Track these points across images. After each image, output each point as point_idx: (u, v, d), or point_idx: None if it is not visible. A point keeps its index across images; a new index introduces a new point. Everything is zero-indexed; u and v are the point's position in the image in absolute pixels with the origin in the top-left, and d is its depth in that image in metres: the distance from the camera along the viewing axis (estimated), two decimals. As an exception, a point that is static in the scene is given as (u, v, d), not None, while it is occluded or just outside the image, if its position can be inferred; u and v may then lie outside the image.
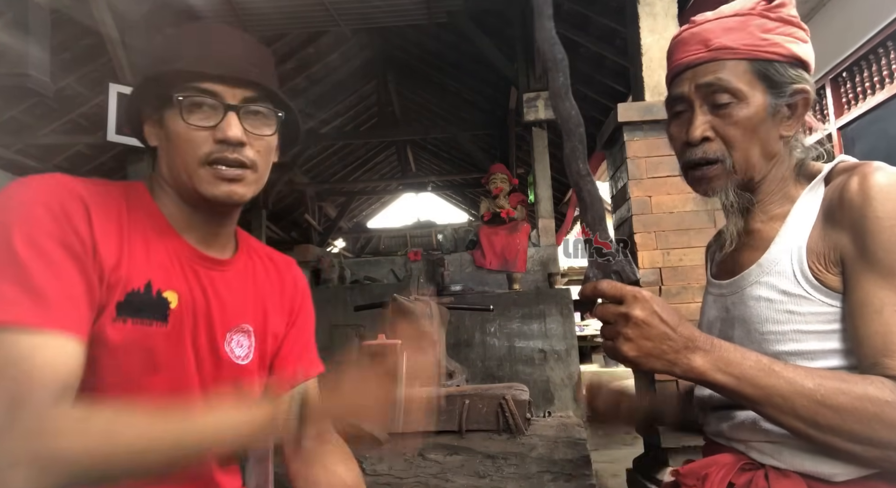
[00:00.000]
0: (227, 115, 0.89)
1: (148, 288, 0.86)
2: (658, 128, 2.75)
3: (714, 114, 0.94)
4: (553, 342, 4.82)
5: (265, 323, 1.04)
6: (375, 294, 5.05)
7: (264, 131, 0.94)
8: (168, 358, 0.88)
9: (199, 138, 0.89)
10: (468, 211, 14.77)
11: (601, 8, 5.28)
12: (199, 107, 0.89)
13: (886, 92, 4.06)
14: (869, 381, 0.76)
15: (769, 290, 0.90)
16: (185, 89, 0.88)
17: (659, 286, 2.69)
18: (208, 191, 0.90)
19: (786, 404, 0.78)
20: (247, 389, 1.01)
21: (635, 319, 0.80)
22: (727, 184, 0.95)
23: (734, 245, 1.00)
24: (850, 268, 0.83)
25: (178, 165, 0.90)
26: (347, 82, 8.28)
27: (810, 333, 0.86)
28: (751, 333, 0.92)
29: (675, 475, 0.98)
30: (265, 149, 0.95)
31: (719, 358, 0.80)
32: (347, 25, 5.66)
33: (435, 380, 0.90)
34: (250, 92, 0.92)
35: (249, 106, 0.91)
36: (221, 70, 0.89)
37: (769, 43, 0.92)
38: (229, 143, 0.89)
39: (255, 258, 1.08)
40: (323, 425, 1.04)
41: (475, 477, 1.58)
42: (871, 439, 0.75)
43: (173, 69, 0.89)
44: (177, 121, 0.89)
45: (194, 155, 0.89)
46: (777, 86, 0.92)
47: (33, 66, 3.66)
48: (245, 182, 0.92)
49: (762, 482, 0.87)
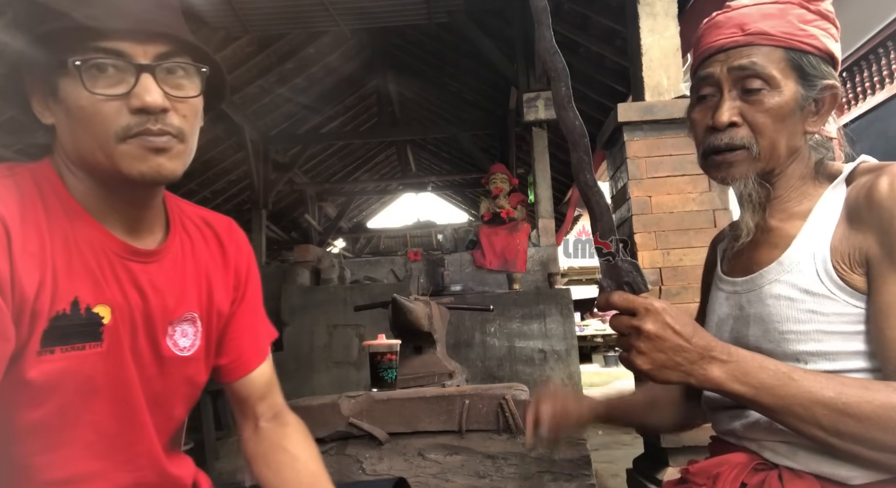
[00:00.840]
0: (141, 77, 0.73)
1: (75, 306, 0.75)
2: (658, 128, 2.75)
3: (744, 99, 0.91)
4: (553, 342, 4.82)
5: (210, 302, 0.94)
6: (375, 294, 5.05)
7: (188, 92, 0.78)
8: (108, 378, 0.79)
9: (109, 110, 0.73)
10: (468, 211, 14.77)
11: (601, 8, 5.28)
12: (104, 70, 0.72)
13: (886, 92, 4.06)
14: (893, 388, 0.74)
15: (790, 289, 0.88)
16: (82, 50, 0.72)
17: (659, 286, 2.69)
18: (133, 169, 0.74)
19: (806, 413, 0.76)
20: (194, 375, 0.93)
21: (647, 333, 0.79)
22: (748, 172, 0.92)
23: (750, 237, 0.96)
24: (876, 269, 0.81)
25: (89, 144, 0.74)
26: (347, 82, 8.29)
27: (834, 334, 0.84)
28: (769, 332, 0.90)
29: (684, 473, 0.96)
30: (192, 114, 0.79)
31: (736, 367, 0.79)
32: (347, 25, 5.66)
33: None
34: (164, 46, 0.76)
35: (166, 63, 0.76)
36: (125, 22, 0.73)
37: (806, 34, 0.90)
38: (149, 112, 0.73)
39: (192, 230, 0.95)
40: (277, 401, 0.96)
41: (475, 477, 1.58)
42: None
43: (62, 26, 0.72)
44: (78, 91, 0.72)
45: (108, 130, 0.73)
46: (809, 78, 0.90)
47: (33, 66, 3.66)
48: (173, 153, 0.77)
49: (776, 483, 0.85)
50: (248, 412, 1.01)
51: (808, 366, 0.85)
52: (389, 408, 1.73)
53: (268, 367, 1.03)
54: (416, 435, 1.71)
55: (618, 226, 3.03)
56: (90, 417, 0.79)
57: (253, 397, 1.01)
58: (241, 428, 1.03)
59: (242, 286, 1.00)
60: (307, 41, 6.98)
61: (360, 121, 10.20)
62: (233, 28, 5.46)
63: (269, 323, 1.06)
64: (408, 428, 1.72)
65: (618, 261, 0.84)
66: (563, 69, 0.87)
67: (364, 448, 1.68)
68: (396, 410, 1.73)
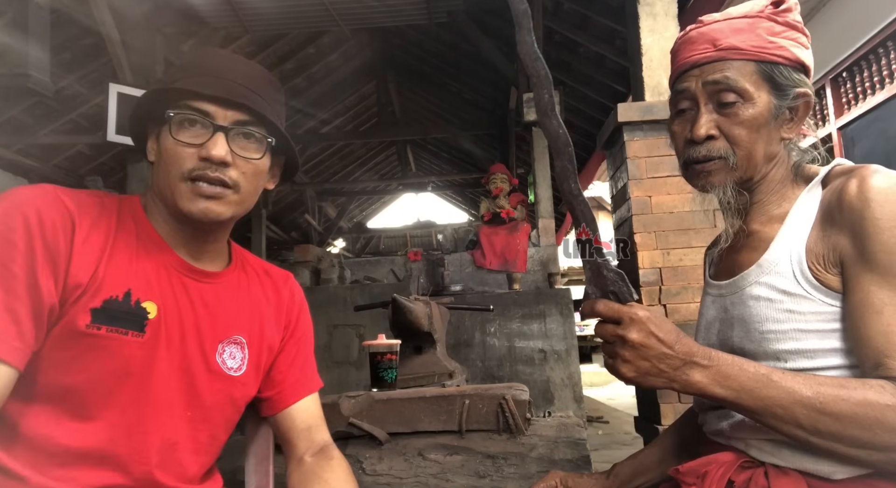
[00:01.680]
0: (215, 134, 0.90)
1: (127, 296, 0.88)
2: (658, 128, 2.75)
3: (719, 112, 0.95)
4: (553, 342, 4.82)
5: (261, 334, 1.05)
6: (375, 294, 5.05)
7: (252, 154, 0.94)
8: (142, 368, 0.89)
9: (184, 154, 0.90)
10: (468, 211, 14.77)
11: (601, 8, 5.28)
12: (191, 124, 0.90)
13: (886, 92, 4.06)
14: (868, 386, 0.77)
15: (769, 290, 0.91)
16: (179, 107, 0.90)
17: (659, 286, 2.69)
18: (185, 206, 0.91)
19: (786, 414, 0.79)
20: (239, 399, 1.02)
21: (631, 342, 0.81)
22: (726, 181, 0.96)
23: (729, 242, 1.01)
24: (850, 269, 0.84)
25: (164, 180, 0.92)
26: (347, 82, 8.29)
27: (810, 332, 0.87)
28: (750, 332, 0.92)
29: (674, 473, 0.98)
30: (251, 172, 0.95)
31: (717, 372, 0.81)
32: (347, 25, 5.66)
33: None
34: (243, 115, 0.93)
35: (239, 128, 0.92)
36: (214, 90, 0.90)
37: (776, 46, 0.93)
38: (212, 161, 0.90)
39: (251, 272, 1.10)
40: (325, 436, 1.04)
41: (475, 477, 1.58)
42: (874, 443, 0.76)
43: (171, 87, 0.91)
44: (167, 137, 0.91)
45: (178, 170, 0.90)
46: (781, 88, 0.93)
47: (33, 66, 3.66)
48: (224, 200, 0.92)
49: (762, 480, 0.87)
50: (291, 445, 1.09)
51: (787, 365, 0.88)
52: (389, 408, 1.73)
53: (312, 403, 1.11)
54: (416, 435, 1.71)
55: (618, 226, 3.03)
56: (118, 400, 0.88)
57: (296, 429, 1.08)
58: (287, 461, 1.10)
59: (292, 326, 1.12)
60: (307, 41, 6.99)
61: (360, 121, 10.20)
62: (233, 28, 5.46)
63: (318, 374, 1.15)
64: (408, 428, 1.72)
65: (603, 269, 0.85)
66: (546, 76, 0.87)
67: (364, 448, 1.68)
68: (396, 410, 1.73)
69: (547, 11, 5.50)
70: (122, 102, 4.31)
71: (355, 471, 1.67)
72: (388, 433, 1.70)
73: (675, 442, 1.14)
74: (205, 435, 0.98)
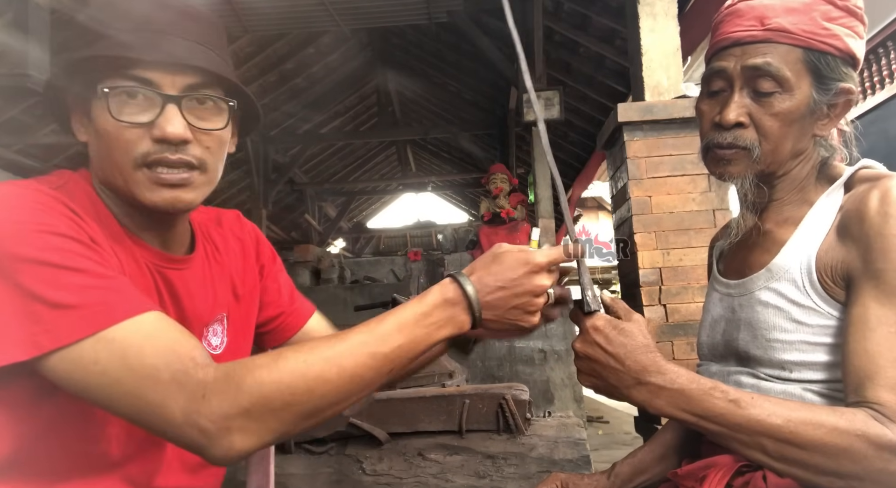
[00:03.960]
0: (166, 107, 0.74)
1: None
2: (658, 128, 2.75)
3: (754, 99, 0.88)
4: (553, 342, 4.82)
5: (239, 295, 0.97)
6: (375, 294, 5.05)
7: (214, 124, 0.79)
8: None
9: (132, 137, 0.74)
10: (468, 211, 14.77)
11: (601, 8, 5.27)
12: (134, 97, 0.74)
13: (886, 92, 4.06)
14: (839, 414, 0.74)
15: (778, 297, 0.87)
16: (114, 77, 0.74)
17: (659, 286, 2.69)
18: (147, 198, 0.76)
19: (751, 440, 0.75)
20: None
21: (578, 352, 0.81)
22: (746, 172, 0.89)
23: (739, 236, 0.96)
24: (855, 282, 0.80)
25: (111, 167, 0.76)
26: (347, 82, 8.30)
27: (818, 345, 0.83)
28: (757, 338, 0.89)
29: (673, 476, 0.97)
30: (216, 145, 0.80)
31: (678, 395, 0.77)
32: (347, 25, 5.66)
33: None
34: (194, 77, 0.77)
35: (193, 95, 0.77)
36: (156, 53, 0.74)
37: (829, 33, 0.85)
38: (170, 142, 0.75)
39: (212, 232, 0.98)
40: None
41: (475, 477, 1.58)
42: (837, 472, 0.73)
43: (96, 54, 0.74)
44: (105, 116, 0.74)
45: (128, 156, 0.75)
46: (824, 81, 0.86)
47: (33, 66, 3.66)
48: (192, 186, 0.78)
49: (760, 483, 0.85)
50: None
51: (792, 375, 0.85)
52: (389, 408, 1.73)
53: (322, 320, 1.06)
54: (416, 435, 1.71)
55: (618, 226, 3.03)
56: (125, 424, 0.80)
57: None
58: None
59: (262, 260, 1.03)
60: (307, 41, 6.99)
61: (360, 121, 10.20)
62: (233, 28, 5.46)
63: (306, 299, 1.09)
64: (408, 428, 1.72)
65: (581, 275, 0.83)
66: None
67: (364, 448, 1.68)
68: (396, 410, 1.73)
69: (547, 11, 5.49)
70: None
71: (355, 471, 1.67)
72: (388, 433, 1.70)
73: (676, 437, 1.12)
74: None
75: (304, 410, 0.66)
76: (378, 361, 0.69)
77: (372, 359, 0.69)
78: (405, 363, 0.72)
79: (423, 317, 0.72)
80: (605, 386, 0.81)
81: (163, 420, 0.64)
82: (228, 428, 0.63)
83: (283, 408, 0.65)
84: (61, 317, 0.64)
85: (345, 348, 0.69)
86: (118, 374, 0.64)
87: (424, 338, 0.72)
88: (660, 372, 0.78)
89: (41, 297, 0.64)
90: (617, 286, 7.68)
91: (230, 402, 0.63)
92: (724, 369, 0.97)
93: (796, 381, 0.85)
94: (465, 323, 0.74)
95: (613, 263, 14.46)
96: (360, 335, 0.70)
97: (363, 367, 0.68)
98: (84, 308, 0.65)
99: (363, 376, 0.68)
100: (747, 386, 0.89)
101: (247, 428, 0.64)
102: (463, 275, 0.75)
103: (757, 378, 0.90)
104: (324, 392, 0.66)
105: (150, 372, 0.64)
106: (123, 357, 0.64)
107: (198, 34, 0.79)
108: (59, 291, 0.64)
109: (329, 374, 0.67)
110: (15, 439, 0.74)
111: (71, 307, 0.64)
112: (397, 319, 0.71)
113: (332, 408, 0.68)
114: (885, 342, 0.75)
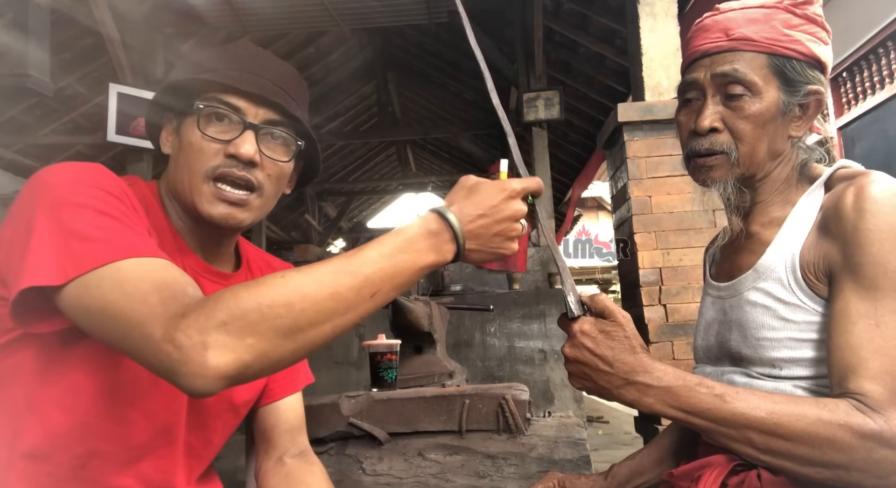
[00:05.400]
0: (245, 132, 0.86)
1: None
2: (658, 128, 2.75)
3: (726, 105, 0.92)
4: (553, 342, 4.82)
5: None
6: (375, 294, 5.04)
7: (280, 156, 0.91)
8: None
9: (210, 150, 0.86)
10: (468, 211, 14.74)
11: (601, 8, 5.28)
12: (219, 119, 0.86)
13: (886, 92, 4.06)
14: (822, 405, 0.76)
15: (765, 297, 0.90)
16: (209, 99, 0.86)
17: (659, 286, 2.69)
18: (206, 209, 0.87)
19: (738, 434, 0.78)
20: (240, 405, 1.00)
21: (567, 356, 0.83)
22: (727, 176, 0.93)
23: (727, 240, 1.00)
24: (836, 277, 0.83)
25: (183, 176, 0.87)
26: (347, 82, 8.29)
27: (805, 342, 0.86)
28: (747, 338, 0.92)
29: (668, 477, 0.97)
30: (276, 175, 0.91)
31: (666, 392, 0.80)
32: (347, 25, 5.66)
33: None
34: (274, 115, 0.89)
35: (270, 128, 0.89)
36: (249, 86, 0.86)
37: (790, 39, 0.91)
38: (239, 160, 0.86)
39: (255, 269, 1.06)
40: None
41: (475, 477, 1.58)
42: (823, 462, 0.75)
43: (202, 78, 0.87)
44: (193, 130, 0.86)
45: (201, 167, 0.86)
46: (792, 84, 0.91)
47: (33, 66, 3.66)
48: (247, 207, 0.89)
49: (755, 482, 0.86)
50: (271, 443, 1.05)
51: (782, 372, 0.87)
52: (389, 408, 1.73)
53: (298, 403, 1.09)
54: (416, 435, 1.71)
55: (618, 226, 3.03)
56: (147, 405, 0.85)
57: (279, 428, 1.05)
58: (260, 459, 1.05)
59: None
60: (307, 41, 6.99)
61: (360, 121, 10.20)
62: (233, 28, 5.45)
63: (309, 370, 1.13)
64: (408, 428, 1.72)
65: (562, 280, 0.84)
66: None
67: (364, 448, 1.68)
68: (396, 410, 1.73)
69: (547, 11, 5.49)
70: (122, 102, 4.31)
71: (355, 471, 1.67)
72: (388, 433, 1.70)
73: (673, 441, 1.13)
74: (200, 440, 0.95)
75: (282, 325, 0.65)
76: (358, 281, 0.69)
77: (352, 278, 0.69)
78: (388, 289, 0.71)
79: (407, 244, 0.73)
80: (596, 388, 0.83)
81: (142, 337, 0.65)
82: (204, 343, 0.62)
83: (261, 321, 0.64)
84: (88, 248, 0.70)
85: (325, 267, 0.70)
86: (113, 296, 0.68)
87: (409, 264, 0.72)
88: (647, 371, 0.80)
89: (76, 232, 0.71)
90: (617, 286, 7.68)
91: (206, 316, 0.64)
92: (718, 370, 0.99)
93: (787, 378, 0.87)
94: (450, 252, 0.75)
95: (613, 263, 14.48)
96: (342, 258, 0.71)
97: (343, 286, 0.68)
98: (108, 243, 0.71)
99: (344, 295, 0.68)
100: (740, 385, 0.91)
101: (223, 342, 0.63)
102: (443, 207, 0.76)
103: (749, 377, 0.91)
104: (303, 306, 0.66)
105: (142, 296, 0.67)
106: (123, 283, 0.68)
107: (285, 83, 0.92)
108: (93, 229, 0.72)
109: (308, 288, 0.67)
110: (39, 423, 0.78)
111: (98, 240, 0.71)
112: (380, 247, 0.72)
113: (313, 329, 0.67)
114: (865, 334, 0.77)
